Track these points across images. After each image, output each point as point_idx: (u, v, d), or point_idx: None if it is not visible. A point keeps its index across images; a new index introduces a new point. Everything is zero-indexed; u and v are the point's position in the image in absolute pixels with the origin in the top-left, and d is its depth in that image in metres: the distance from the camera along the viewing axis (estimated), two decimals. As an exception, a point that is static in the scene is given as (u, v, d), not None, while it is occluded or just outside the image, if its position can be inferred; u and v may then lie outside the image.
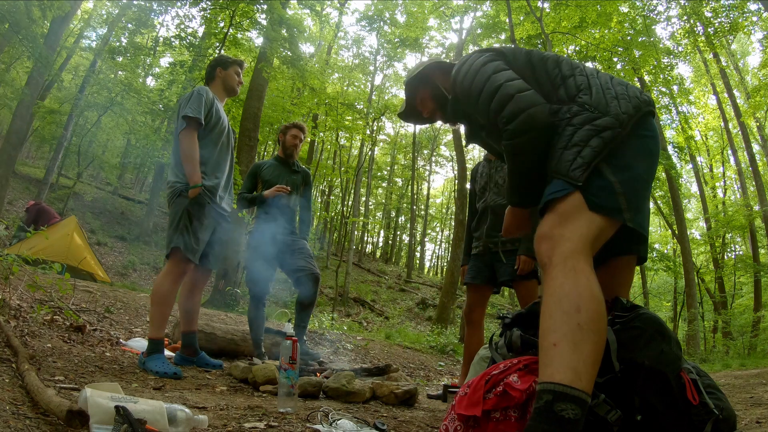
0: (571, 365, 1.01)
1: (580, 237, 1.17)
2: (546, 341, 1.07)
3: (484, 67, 1.45)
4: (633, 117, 1.29)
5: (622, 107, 1.30)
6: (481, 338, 3.01)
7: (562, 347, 1.04)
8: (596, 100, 1.32)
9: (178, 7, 10.96)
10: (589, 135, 1.27)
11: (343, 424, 1.59)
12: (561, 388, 0.99)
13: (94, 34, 18.44)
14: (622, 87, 1.36)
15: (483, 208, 3.07)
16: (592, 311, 1.07)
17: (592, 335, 1.05)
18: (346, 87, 20.35)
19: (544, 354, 1.06)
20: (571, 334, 1.04)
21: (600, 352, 1.07)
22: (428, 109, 1.76)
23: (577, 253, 1.14)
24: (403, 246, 31.37)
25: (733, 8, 10.54)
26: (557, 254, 1.16)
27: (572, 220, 1.20)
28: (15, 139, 9.81)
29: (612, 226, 1.24)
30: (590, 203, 1.21)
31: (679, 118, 14.90)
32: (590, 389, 1.02)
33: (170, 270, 2.62)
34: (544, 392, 1.01)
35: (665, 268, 15.80)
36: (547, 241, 1.20)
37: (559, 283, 1.11)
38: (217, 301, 8.02)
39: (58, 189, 14.88)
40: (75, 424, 1.15)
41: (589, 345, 1.04)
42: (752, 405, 2.60)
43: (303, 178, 3.64)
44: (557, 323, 1.07)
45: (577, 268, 1.12)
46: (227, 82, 2.91)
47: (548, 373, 1.03)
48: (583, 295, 1.08)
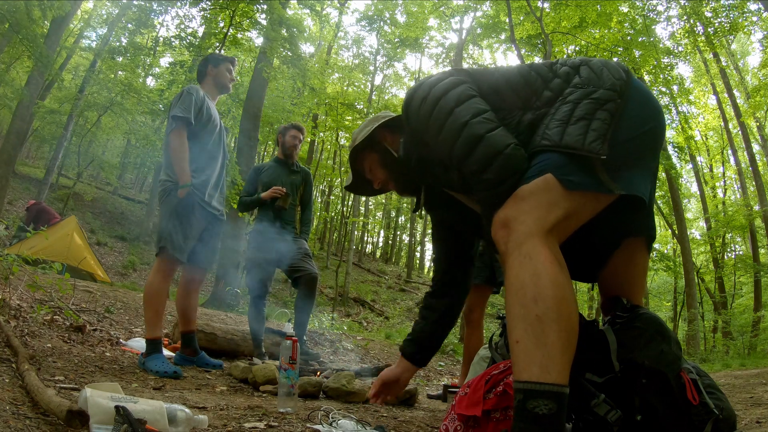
0: (536, 361, 0.97)
1: (536, 218, 1.06)
2: (511, 339, 1.03)
3: (445, 97, 1.24)
4: (626, 81, 1.19)
5: (614, 75, 1.20)
6: (481, 338, 3.01)
7: (525, 343, 0.99)
8: (587, 76, 1.22)
9: (178, 7, 10.97)
10: (593, 108, 1.15)
11: (343, 424, 1.59)
12: (530, 386, 0.96)
13: (94, 34, 18.46)
14: (599, 63, 1.25)
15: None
16: (549, 298, 1.00)
17: (554, 324, 0.98)
18: (346, 87, 20.35)
19: (512, 352, 1.02)
20: (531, 328, 0.99)
21: (569, 339, 1.00)
22: (379, 179, 1.56)
23: (532, 236, 1.04)
24: (403, 246, 31.37)
25: (733, 8, 10.54)
26: (512, 240, 1.06)
27: (532, 201, 1.09)
28: (15, 139, 9.81)
29: (594, 200, 1.13)
30: (564, 182, 1.09)
31: (679, 118, 14.89)
32: (564, 379, 0.97)
33: (159, 268, 2.65)
34: (516, 391, 0.99)
35: (665, 268, 15.79)
36: (502, 227, 1.10)
37: (515, 274, 1.04)
38: (217, 301, 8.02)
39: (58, 189, 14.88)
40: (75, 424, 1.15)
41: (553, 334, 0.98)
42: (752, 405, 2.60)
43: (303, 178, 3.65)
44: (516, 318, 1.02)
45: (533, 253, 1.03)
46: (218, 79, 2.91)
47: (517, 371, 1.00)
48: (539, 284, 1.00)
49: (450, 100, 1.23)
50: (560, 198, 1.08)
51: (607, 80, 1.19)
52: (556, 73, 1.27)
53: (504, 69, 1.37)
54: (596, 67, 1.23)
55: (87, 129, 16.18)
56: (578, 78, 1.23)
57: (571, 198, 1.09)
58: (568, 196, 1.09)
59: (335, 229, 25.49)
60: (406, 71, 23.74)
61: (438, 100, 1.24)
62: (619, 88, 1.17)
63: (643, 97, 1.23)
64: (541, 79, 1.27)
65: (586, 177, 1.10)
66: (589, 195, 1.11)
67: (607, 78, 1.20)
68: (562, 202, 1.08)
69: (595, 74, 1.21)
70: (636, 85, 1.22)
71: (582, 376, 1.18)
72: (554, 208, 1.08)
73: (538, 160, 1.14)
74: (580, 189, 1.09)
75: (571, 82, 1.23)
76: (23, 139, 11.00)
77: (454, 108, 1.21)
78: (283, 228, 3.43)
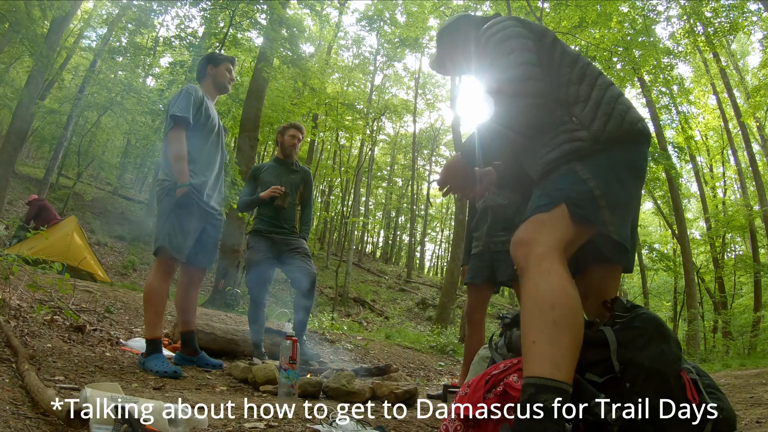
0: (550, 359, 1.09)
1: (553, 240, 1.24)
2: (526, 339, 1.15)
3: (513, 40, 1.41)
4: (614, 137, 1.32)
5: (608, 126, 1.33)
6: (482, 338, 3.01)
7: (541, 343, 1.11)
8: (586, 113, 1.35)
9: (178, 7, 10.96)
10: (562, 141, 1.35)
11: (343, 424, 1.59)
12: (542, 381, 1.07)
13: (94, 34, 18.46)
14: (622, 108, 1.36)
15: (483, 208, 3.07)
16: (566, 307, 1.14)
17: (568, 329, 1.12)
18: (346, 87, 20.36)
19: (526, 351, 1.14)
20: (547, 330, 1.12)
21: (577, 345, 1.13)
22: (454, 62, 1.74)
23: (550, 255, 1.21)
24: (403, 246, 31.38)
25: (733, 8, 10.54)
26: (532, 257, 1.22)
27: (548, 226, 1.26)
28: (15, 139, 9.80)
29: (588, 230, 1.30)
30: (573, 213, 1.26)
31: (679, 118, 14.90)
32: (570, 379, 1.09)
33: (157, 268, 2.64)
34: (527, 386, 1.09)
35: (665, 268, 15.81)
36: (522, 246, 1.26)
37: (535, 284, 1.19)
38: (217, 301, 8.02)
39: (58, 189, 14.87)
40: (75, 424, 1.15)
41: (566, 338, 1.11)
42: (752, 405, 2.60)
43: (303, 178, 3.65)
44: (534, 322, 1.15)
45: (551, 269, 1.19)
46: (218, 79, 2.90)
47: (530, 368, 1.11)
48: (556, 293, 1.15)
49: (515, 44, 1.39)
50: (570, 225, 1.27)
51: (595, 125, 1.33)
52: (569, 87, 1.40)
53: (564, 45, 1.51)
54: (603, 108, 1.36)
55: (87, 129, 16.17)
56: (579, 108, 1.36)
57: (578, 226, 1.27)
58: (577, 225, 1.27)
59: (335, 229, 25.49)
60: (406, 71, 23.79)
61: (505, 39, 1.42)
62: (599, 137, 1.33)
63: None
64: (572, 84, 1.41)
65: (594, 213, 1.28)
66: (589, 226, 1.29)
67: (597, 125, 1.33)
68: (572, 229, 1.26)
69: (593, 115, 1.35)
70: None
71: (582, 376, 1.18)
72: (566, 233, 1.26)
73: (553, 185, 1.32)
74: (586, 222, 1.28)
75: (577, 103, 1.39)
76: (23, 139, 11.00)
77: (516, 50, 1.38)
78: (282, 227, 3.43)
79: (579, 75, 1.41)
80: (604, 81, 1.42)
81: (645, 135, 1.38)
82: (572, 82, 1.40)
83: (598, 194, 1.27)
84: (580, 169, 1.30)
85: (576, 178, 1.29)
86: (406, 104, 23.17)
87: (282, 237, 3.40)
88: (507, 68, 1.36)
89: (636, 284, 20.80)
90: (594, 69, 1.45)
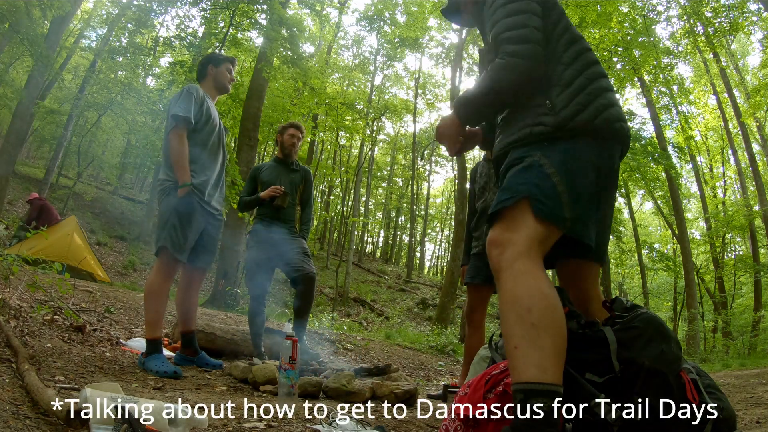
0: (534, 363, 1.08)
1: (526, 239, 1.21)
2: (509, 345, 1.14)
3: (522, 2, 1.39)
4: (580, 129, 1.29)
5: (578, 116, 1.29)
6: (482, 338, 3.01)
7: (523, 348, 1.10)
8: (561, 98, 1.32)
9: (178, 7, 10.96)
10: (527, 123, 1.34)
11: (343, 424, 1.59)
12: (530, 386, 1.06)
13: (94, 34, 18.46)
14: (603, 102, 1.33)
15: (483, 208, 3.08)
16: (542, 308, 1.13)
17: (548, 330, 1.11)
18: (346, 87, 20.36)
19: (510, 358, 1.13)
20: (527, 334, 1.11)
21: (561, 343, 1.12)
22: (468, 9, 1.68)
23: (523, 256, 1.19)
24: (403, 246, 31.37)
25: (733, 8, 10.53)
26: (504, 259, 1.20)
27: (519, 225, 1.23)
28: (15, 139, 9.80)
29: (558, 230, 1.27)
30: (536, 210, 1.22)
31: (679, 118, 14.91)
32: (559, 379, 1.08)
33: (159, 268, 2.64)
34: (516, 392, 1.09)
35: (665, 268, 15.81)
36: (496, 247, 1.24)
37: (509, 288, 1.17)
38: (217, 301, 8.02)
39: (58, 189, 14.87)
40: (75, 424, 1.15)
41: (548, 340, 1.10)
42: (752, 405, 2.60)
43: (303, 177, 3.65)
44: (514, 327, 1.14)
45: (524, 270, 1.17)
46: (218, 79, 2.90)
47: (516, 374, 1.10)
48: (532, 295, 1.14)
49: (524, 6, 1.38)
50: (536, 222, 1.23)
51: (564, 113, 1.31)
52: (556, 66, 1.37)
53: (569, 23, 1.47)
54: (581, 98, 1.34)
55: (87, 129, 16.17)
56: (555, 92, 1.34)
57: (544, 223, 1.23)
58: (542, 222, 1.23)
59: (335, 229, 25.49)
60: (406, 71, 23.79)
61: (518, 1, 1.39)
62: (563, 125, 1.31)
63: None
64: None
65: (557, 209, 1.25)
66: (556, 227, 1.26)
67: (565, 113, 1.32)
68: (540, 226, 1.23)
69: (567, 102, 1.33)
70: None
71: (582, 376, 1.18)
72: (536, 231, 1.22)
73: (515, 178, 1.29)
74: (549, 220, 1.24)
75: (556, 85, 1.36)
76: (23, 139, 11.00)
77: (523, 12, 1.36)
78: (282, 227, 3.43)
79: (571, 57, 1.37)
80: (595, 71, 1.37)
81: (619, 135, 1.34)
82: (561, 62, 1.37)
83: (561, 189, 1.24)
84: (545, 163, 1.27)
85: (540, 173, 1.26)
86: (406, 104, 23.17)
87: (282, 237, 3.40)
88: (512, 27, 1.34)
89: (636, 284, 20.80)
90: (589, 56, 1.41)
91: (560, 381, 1.08)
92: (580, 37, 1.43)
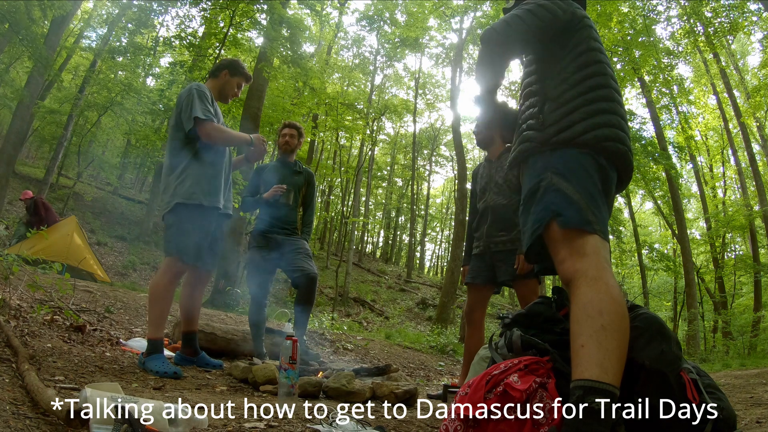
0: (598, 362, 1.12)
1: (594, 252, 1.30)
2: (575, 344, 1.18)
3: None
4: (562, 142, 1.36)
5: (564, 133, 1.37)
6: (482, 338, 3.01)
7: (589, 347, 1.15)
8: (552, 115, 1.40)
9: (178, 7, 10.95)
10: (520, 139, 1.48)
11: (343, 424, 1.59)
12: (590, 383, 1.10)
13: (94, 34, 18.42)
14: (599, 121, 1.37)
15: (483, 208, 3.07)
16: (613, 313, 1.18)
17: (615, 334, 1.15)
18: (346, 87, 20.33)
19: (575, 355, 1.17)
20: (595, 335, 1.15)
21: (624, 349, 1.16)
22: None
23: (595, 265, 1.27)
24: (403, 246, 31.37)
25: (733, 8, 10.53)
26: (579, 270, 1.28)
27: (585, 241, 1.32)
28: (15, 139, 9.80)
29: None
30: (589, 228, 1.32)
31: (679, 118, 14.89)
32: (618, 382, 1.11)
33: (166, 269, 2.63)
34: (575, 389, 1.12)
35: (665, 268, 15.80)
36: (568, 261, 1.32)
37: (583, 292, 1.23)
38: (217, 301, 8.02)
39: (58, 189, 14.87)
40: (75, 424, 1.15)
41: (614, 342, 1.14)
42: (752, 405, 2.60)
43: (306, 179, 3.65)
44: (583, 327, 1.18)
45: (597, 278, 1.24)
46: (225, 88, 2.89)
47: (578, 371, 1.14)
48: (604, 300, 1.19)
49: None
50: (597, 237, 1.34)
51: (551, 129, 1.42)
52: (558, 76, 1.47)
53: (591, 42, 1.57)
54: (578, 113, 1.42)
55: (87, 129, 16.17)
56: (549, 106, 1.43)
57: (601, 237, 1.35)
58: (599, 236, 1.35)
59: (335, 229, 25.48)
60: (406, 71, 23.71)
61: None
62: (549, 140, 1.43)
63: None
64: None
65: (584, 220, 1.36)
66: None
67: (553, 129, 1.42)
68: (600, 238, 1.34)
69: (558, 117, 1.42)
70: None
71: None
72: (604, 248, 1.33)
73: (541, 204, 1.39)
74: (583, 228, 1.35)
75: (552, 99, 1.47)
76: (23, 139, 11.00)
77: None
78: (284, 228, 3.43)
79: (577, 80, 1.42)
80: (598, 95, 1.40)
81: (611, 153, 1.38)
82: (567, 82, 1.42)
83: (582, 203, 1.33)
84: (565, 186, 1.34)
85: (563, 197, 1.34)
86: (406, 104, 23.15)
87: (283, 237, 3.40)
88: (529, 3, 1.45)
89: (636, 284, 20.79)
90: (598, 81, 1.43)
91: (619, 384, 1.12)
92: (597, 62, 1.46)
